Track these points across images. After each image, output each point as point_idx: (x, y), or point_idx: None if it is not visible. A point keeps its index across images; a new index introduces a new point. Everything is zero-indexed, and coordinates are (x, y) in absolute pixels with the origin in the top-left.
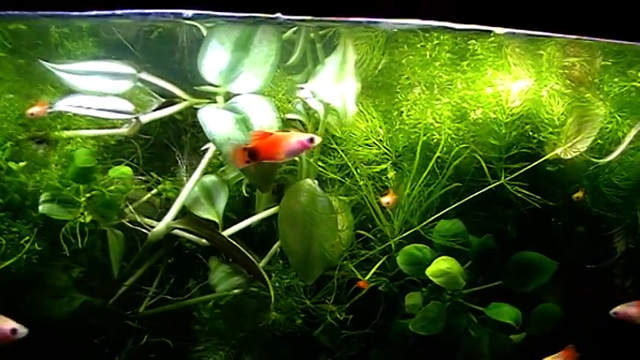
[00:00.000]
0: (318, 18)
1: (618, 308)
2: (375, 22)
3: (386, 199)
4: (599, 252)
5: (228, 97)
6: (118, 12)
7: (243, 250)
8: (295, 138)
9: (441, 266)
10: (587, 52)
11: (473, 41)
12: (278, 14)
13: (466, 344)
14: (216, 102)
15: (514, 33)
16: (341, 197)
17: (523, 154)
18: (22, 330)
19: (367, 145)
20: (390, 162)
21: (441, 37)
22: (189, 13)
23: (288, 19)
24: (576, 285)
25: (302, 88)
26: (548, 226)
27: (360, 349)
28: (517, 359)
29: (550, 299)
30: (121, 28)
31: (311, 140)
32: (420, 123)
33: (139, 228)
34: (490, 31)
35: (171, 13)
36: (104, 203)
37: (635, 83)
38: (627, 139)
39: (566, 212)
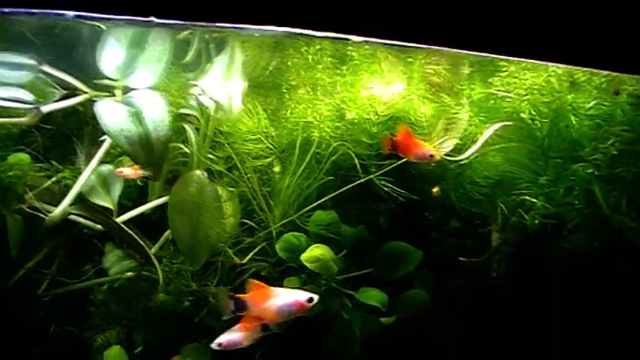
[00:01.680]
0: (182, 22)
1: (222, 339)
2: (239, 28)
3: None
4: (472, 246)
5: (127, 91)
6: (6, 10)
7: (135, 235)
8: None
9: (315, 253)
10: (450, 62)
11: (350, 48)
12: (152, 18)
13: (339, 326)
14: (114, 95)
15: (368, 41)
16: (229, 188)
17: (394, 153)
18: None
19: (253, 140)
20: (274, 156)
21: (323, 43)
22: (70, 14)
23: (160, 23)
24: (448, 276)
25: (195, 85)
26: (420, 220)
27: None
28: (386, 340)
29: (423, 288)
30: (24, 22)
31: (310, 300)
32: (301, 121)
33: (37, 213)
34: (348, 39)
35: (55, 14)
36: (2, 188)
37: (491, 90)
38: (481, 140)
39: (436, 207)
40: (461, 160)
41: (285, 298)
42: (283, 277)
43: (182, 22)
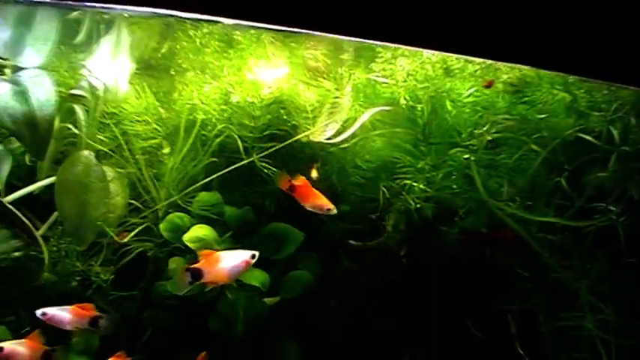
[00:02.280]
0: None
1: (50, 310)
2: (108, 8)
3: None
4: (362, 230)
5: (16, 70)
6: None
7: (20, 215)
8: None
9: (197, 233)
10: (329, 47)
11: (237, 32)
12: None
13: (221, 306)
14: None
15: (240, 24)
16: (118, 169)
17: (278, 136)
18: None
19: (141, 121)
20: (161, 138)
21: (211, 27)
22: None
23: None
24: (336, 259)
25: (84, 66)
26: None
27: (134, 310)
28: (269, 320)
29: (308, 270)
30: None
31: (253, 257)
32: (188, 104)
33: None
34: (219, 21)
35: None
36: None
37: (370, 76)
38: (356, 124)
39: (323, 190)
40: (337, 143)
41: (233, 259)
42: (170, 257)
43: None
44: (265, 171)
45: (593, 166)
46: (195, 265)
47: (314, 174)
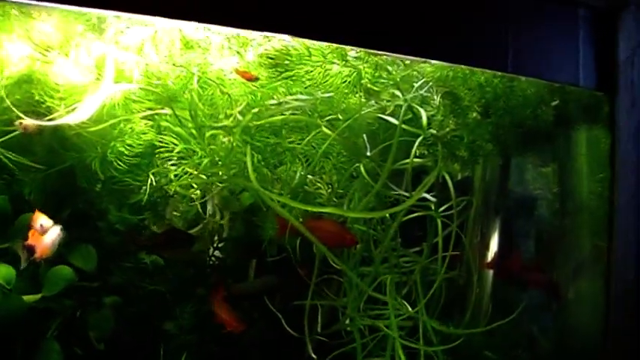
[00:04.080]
0: None
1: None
2: None
3: None
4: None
5: None
6: None
7: None
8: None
9: None
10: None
11: None
12: None
13: None
14: None
15: None
16: None
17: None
18: None
19: None
20: None
21: None
22: None
23: None
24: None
25: None
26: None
27: None
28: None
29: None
30: None
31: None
32: None
33: None
34: None
35: None
36: None
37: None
38: (95, 103)
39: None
40: (88, 125)
41: (52, 232)
42: None
43: None
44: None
45: (398, 151)
46: (29, 242)
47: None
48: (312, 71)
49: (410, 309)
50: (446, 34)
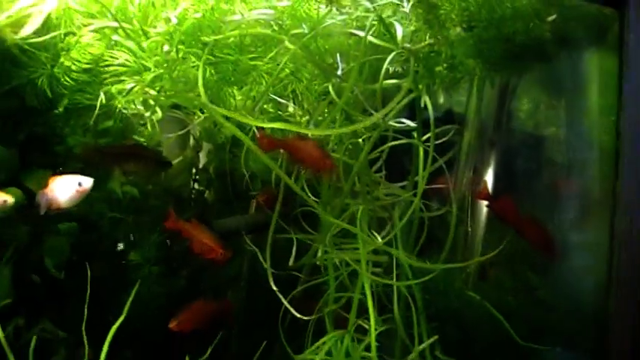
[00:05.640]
0: None
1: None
2: None
3: None
4: None
5: None
6: None
7: None
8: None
9: None
10: None
11: None
12: None
13: None
14: None
15: None
16: None
17: None
18: None
19: None
20: None
21: None
22: None
23: None
24: None
25: None
26: None
27: None
28: None
29: None
30: None
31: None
32: None
33: None
34: None
35: None
36: None
37: None
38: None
39: None
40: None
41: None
42: None
43: None
44: None
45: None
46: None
47: None
48: None
49: (381, 242)
50: None
